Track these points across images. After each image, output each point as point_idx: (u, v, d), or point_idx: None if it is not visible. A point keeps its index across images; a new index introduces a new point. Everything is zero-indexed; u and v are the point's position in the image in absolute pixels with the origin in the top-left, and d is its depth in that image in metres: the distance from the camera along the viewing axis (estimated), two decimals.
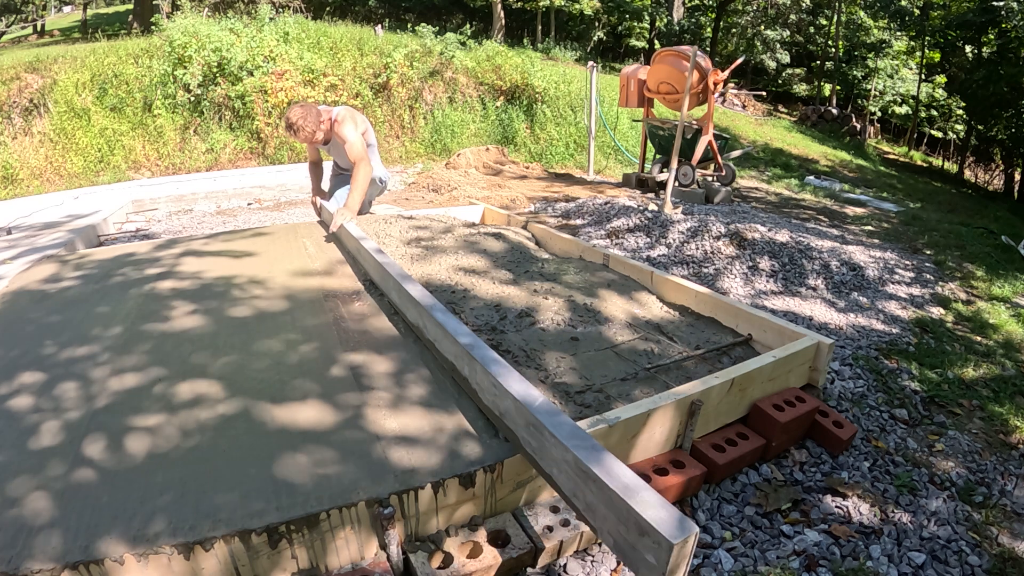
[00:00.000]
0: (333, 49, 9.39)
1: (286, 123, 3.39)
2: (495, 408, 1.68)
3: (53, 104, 7.57)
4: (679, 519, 1.14)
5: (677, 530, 1.11)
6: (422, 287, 2.35)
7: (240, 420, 1.72)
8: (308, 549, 1.38)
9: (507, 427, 1.62)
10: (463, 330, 1.94)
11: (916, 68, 19.95)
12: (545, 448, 1.43)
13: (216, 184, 6.75)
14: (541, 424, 1.43)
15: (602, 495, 1.25)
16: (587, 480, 1.28)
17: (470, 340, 1.87)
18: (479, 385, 1.77)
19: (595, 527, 1.31)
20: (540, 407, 1.49)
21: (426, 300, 2.19)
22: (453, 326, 1.96)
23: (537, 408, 1.49)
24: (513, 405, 1.56)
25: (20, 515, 1.35)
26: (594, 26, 21.38)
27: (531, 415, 1.47)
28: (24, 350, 2.18)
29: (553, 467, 1.41)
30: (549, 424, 1.42)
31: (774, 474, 2.02)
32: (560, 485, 1.40)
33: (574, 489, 1.34)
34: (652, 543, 1.13)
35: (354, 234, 3.09)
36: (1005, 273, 4.60)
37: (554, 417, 1.44)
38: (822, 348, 2.27)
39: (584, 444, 1.34)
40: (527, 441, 1.52)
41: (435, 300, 2.20)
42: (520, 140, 9.85)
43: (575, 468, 1.32)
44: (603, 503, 1.25)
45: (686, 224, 4.48)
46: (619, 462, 1.29)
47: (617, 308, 2.66)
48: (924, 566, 1.68)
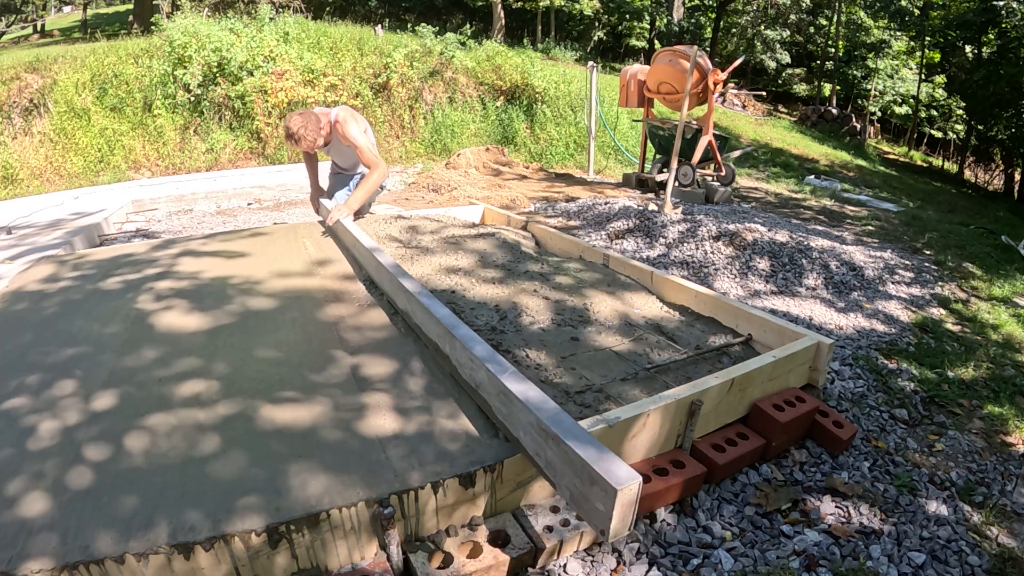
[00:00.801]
0: (333, 49, 9.39)
1: (286, 132, 3.30)
2: (472, 381, 1.82)
3: (53, 104, 7.57)
4: (626, 470, 1.27)
5: (622, 478, 1.24)
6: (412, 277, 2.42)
7: (240, 420, 1.72)
8: (308, 549, 1.38)
9: (482, 397, 1.77)
10: (444, 312, 2.08)
11: (916, 68, 19.94)
12: (513, 413, 1.58)
13: (216, 184, 6.75)
14: (509, 391, 1.58)
15: (559, 451, 1.39)
16: (547, 439, 1.43)
17: (451, 320, 2.01)
18: (459, 361, 1.91)
19: (554, 482, 1.45)
20: (508, 376, 1.64)
21: (414, 287, 2.29)
22: (436, 308, 2.10)
23: (506, 376, 1.64)
24: (486, 376, 1.71)
25: (20, 515, 1.35)
26: (594, 26, 21.38)
27: (501, 384, 1.62)
28: (24, 350, 2.17)
29: (520, 430, 1.56)
30: (516, 391, 1.57)
31: (774, 474, 2.02)
32: (526, 446, 1.54)
33: (536, 448, 1.49)
34: (600, 491, 1.26)
35: (356, 235, 3.09)
36: (1005, 273, 4.60)
37: (520, 384, 1.60)
38: (822, 348, 2.27)
39: (545, 407, 1.49)
40: (499, 409, 1.66)
41: (423, 287, 2.30)
42: (520, 140, 9.84)
43: (537, 428, 1.46)
44: (560, 459, 1.40)
45: (686, 224, 4.48)
46: (577, 424, 1.44)
47: (617, 308, 2.66)
48: (924, 566, 1.68)
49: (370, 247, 2.83)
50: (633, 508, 1.27)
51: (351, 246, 3.16)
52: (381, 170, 3.44)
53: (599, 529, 1.30)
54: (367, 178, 3.44)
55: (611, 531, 1.26)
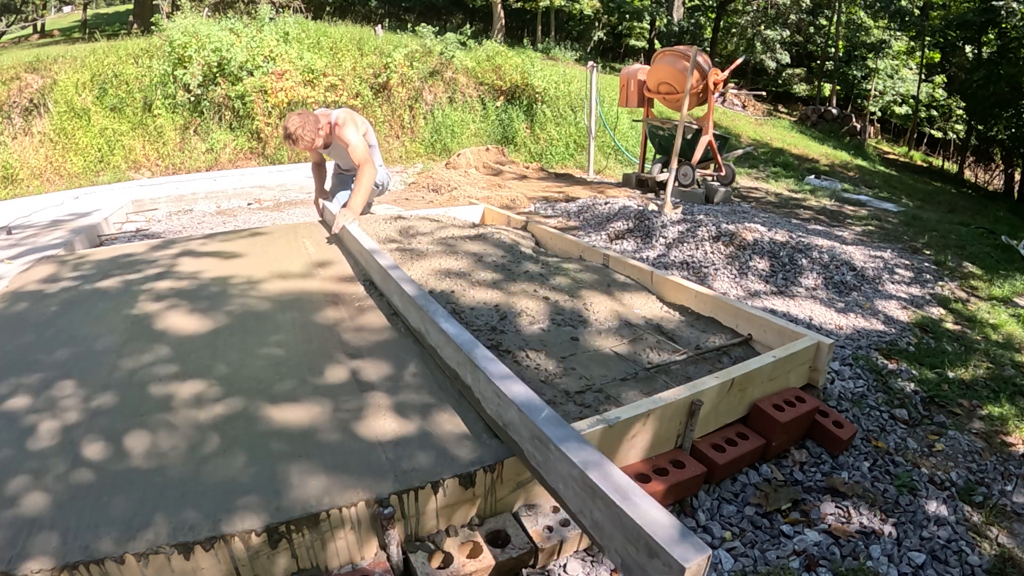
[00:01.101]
0: (333, 49, 9.39)
1: (284, 132, 3.31)
2: (499, 419, 1.64)
3: (53, 104, 7.57)
4: (692, 541, 1.09)
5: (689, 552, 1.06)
6: (424, 291, 2.34)
7: (240, 420, 1.72)
8: (308, 549, 1.38)
9: (511, 439, 1.57)
10: (466, 337, 1.90)
11: (916, 68, 19.95)
12: (550, 462, 1.39)
13: (216, 184, 6.75)
14: (547, 437, 1.38)
15: (610, 513, 1.20)
16: (594, 497, 1.24)
17: (474, 348, 1.83)
18: (482, 395, 1.73)
19: (602, 545, 1.25)
20: (546, 419, 1.44)
21: (428, 306, 2.17)
22: (455, 332, 1.93)
23: (543, 420, 1.44)
24: (517, 416, 1.51)
25: (20, 515, 1.35)
26: (594, 26, 21.38)
27: (536, 427, 1.42)
28: (24, 350, 2.17)
29: (559, 482, 1.37)
30: (554, 437, 1.37)
31: (774, 474, 2.02)
32: (566, 500, 1.35)
33: (580, 506, 1.30)
34: (663, 565, 1.08)
35: (356, 236, 3.09)
36: (1005, 273, 4.60)
37: (560, 430, 1.40)
38: (822, 348, 2.27)
39: (592, 460, 1.29)
40: (532, 454, 1.48)
41: (438, 305, 2.18)
42: (520, 140, 9.84)
43: (582, 484, 1.27)
44: (610, 521, 1.20)
45: (686, 224, 4.48)
46: (627, 478, 1.25)
47: (617, 308, 2.66)
48: (924, 566, 1.68)
49: (372, 250, 2.83)
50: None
51: (353, 250, 3.16)
52: (369, 168, 3.46)
53: None
54: (358, 179, 3.45)
55: None
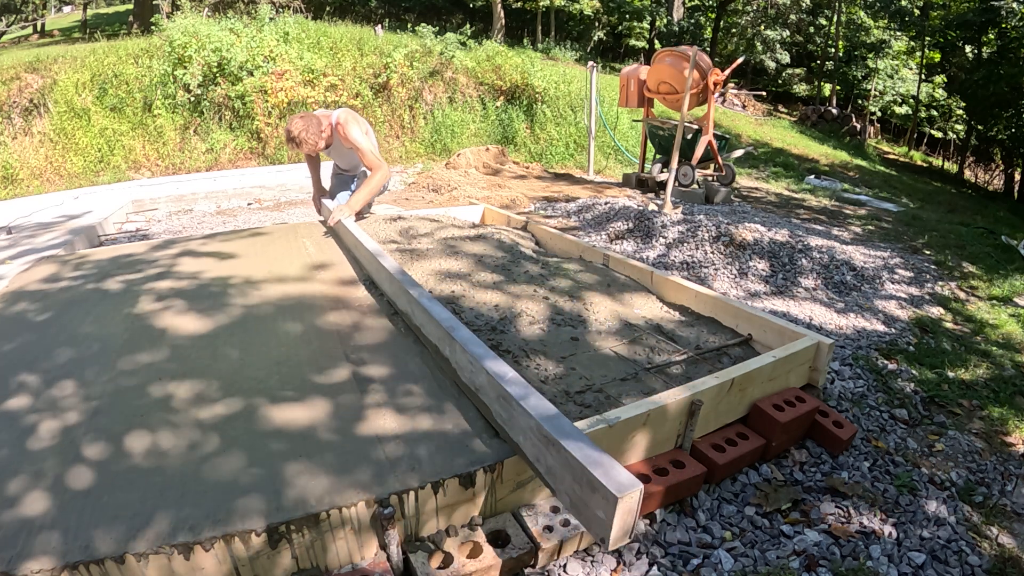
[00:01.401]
0: (333, 49, 9.39)
1: (287, 136, 3.28)
2: (472, 384, 1.80)
3: (53, 104, 7.57)
4: (627, 477, 1.24)
5: (622, 486, 1.22)
6: (414, 279, 2.41)
7: (240, 420, 1.72)
8: (308, 549, 1.38)
9: (482, 401, 1.75)
10: (445, 314, 2.07)
11: (916, 68, 19.94)
12: (514, 418, 1.56)
13: (216, 184, 6.75)
14: (509, 395, 1.56)
15: (560, 457, 1.37)
16: (548, 444, 1.40)
17: (451, 322, 2.00)
18: (459, 364, 1.89)
19: (554, 488, 1.43)
20: (510, 380, 1.62)
21: (414, 288, 2.27)
22: (437, 311, 2.09)
23: (507, 380, 1.62)
24: (487, 379, 1.69)
25: (20, 515, 1.35)
26: (594, 26, 21.37)
27: (501, 388, 1.59)
28: (24, 350, 2.17)
29: (520, 435, 1.54)
30: (516, 395, 1.55)
31: (774, 474, 2.02)
32: (526, 451, 1.52)
33: (537, 454, 1.47)
34: (600, 498, 1.24)
35: (355, 234, 3.09)
36: (1005, 273, 4.60)
37: (520, 388, 1.58)
38: (822, 348, 2.27)
39: (545, 411, 1.47)
40: (499, 413, 1.65)
41: (424, 289, 2.30)
42: (520, 140, 9.84)
43: (538, 434, 1.44)
44: (560, 464, 1.37)
45: (686, 224, 4.48)
46: (578, 430, 1.42)
47: (617, 308, 2.66)
48: (924, 566, 1.68)
49: (371, 248, 2.83)
50: (634, 516, 1.25)
51: (352, 247, 3.16)
52: (383, 172, 3.44)
53: (599, 537, 1.29)
54: (369, 180, 3.44)
55: (611, 539, 1.24)
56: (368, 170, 3.54)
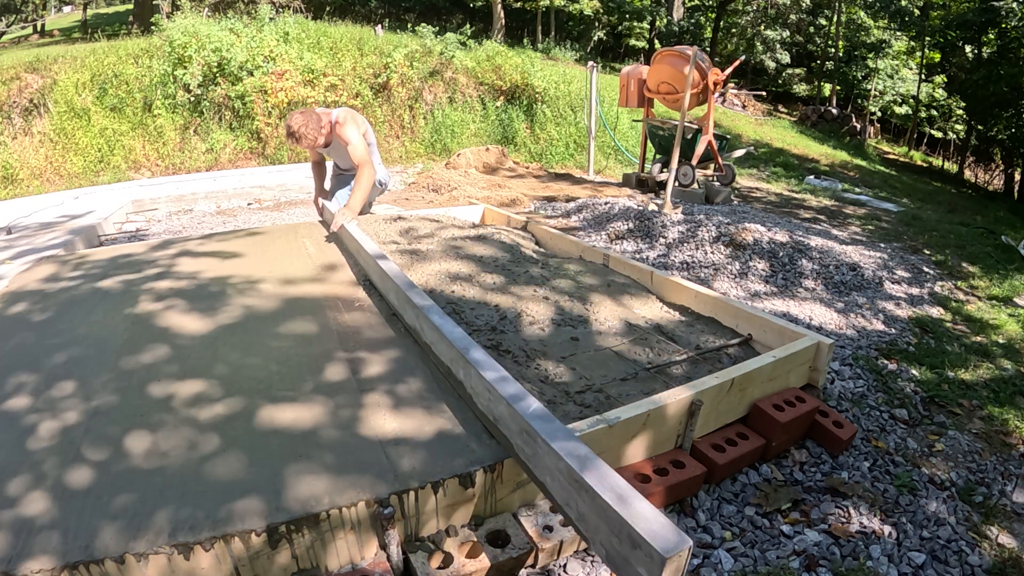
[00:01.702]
0: (333, 49, 9.39)
1: (287, 131, 3.33)
2: (489, 413, 1.66)
3: (53, 104, 7.57)
4: (673, 532, 1.11)
5: (671, 543, 1.08)
6: (420, 289, 2.35)
7: (239, 420, 1.72)
8: (308, 549, 1.38)
9: (501, 433, 1.59)
10: (458, 333, 1.91)
11: (916, 68, 19.93)
12: (539, 456, 1.41)
13: (216, 184, 6.75)
14: (534, 431, 1.40)
15: (594, 505, 1.22)
16: (580, 490, 1.26)
17: (465, 344, 1.84)
18: (474, 390, 1.75)
19: (587, 537, 1.27)
20: (534, 413, 1.46)
21: (423, 302, 2.18)
22: (449, 329, 1.94)
23: (531, 414, 1.46)
24: (507, 411, 1.53)
25: (20, 515, 1.35)
26: (594, 26, 21.36)
27: (524, 421, 1.44)
28: (23, 350, 2.17)
29: (546, 475, 1.39)
30: (542, 431, 1.39)
31: (774, 474, 2.02)
32: (553, 493, 1.37)
33: (567, 498, 1.32)
34: (644, 556, 1.10)
35: (355, 236, 3.09)
36: (1005, 273, 4.60)
37: (548, 424, 1.42)
38: (822, 348, 2.27)
39: (577, 453, 1.31)
40: (520, 448, 1.50)
41: (432, 303, 2.19)
42: (520, 140, 9.84)
43: (568, 477, 1.29)
44: (595, 513, 1.22)
45: (686, 224, 4.48)
46: (613, 472, 1.26)
47: (617, 308, 2.66)
48: (924, 566, 1.68)
49: (374, 253, 2.82)
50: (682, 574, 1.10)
51: (355, 252, 3.15)
52: (368, 168, 3.46)
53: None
54: (357, 179, 3.46)
55: None
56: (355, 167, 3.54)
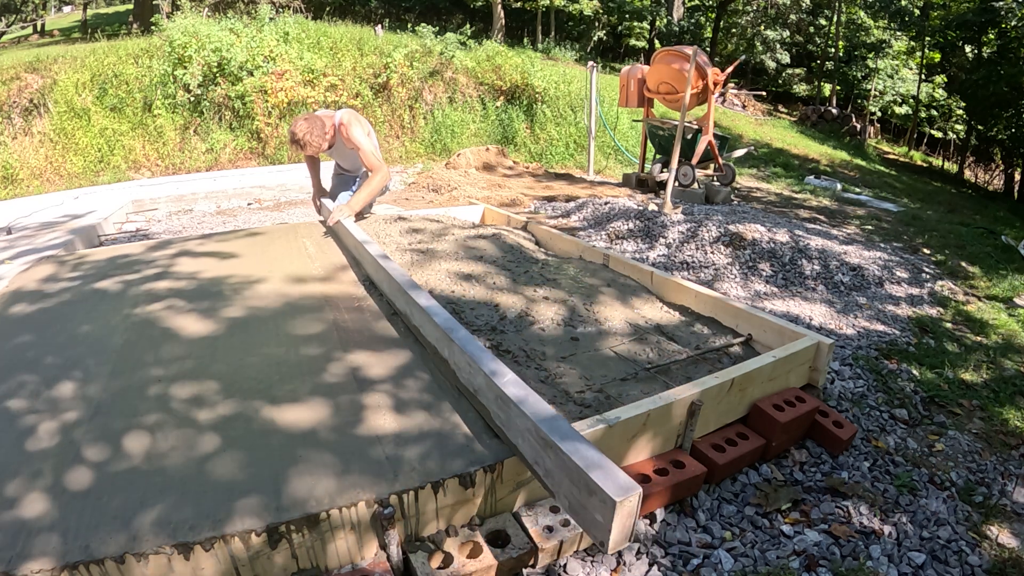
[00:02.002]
0: (333, 49, 9.39)
1: (291, 138, 3.30)
2: (470, 385, 1.79)
3: (53, 104, 7.57)
4: (624, 480, 1.23)
5: (621, 489, 1.21)
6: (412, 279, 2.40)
7: (239, 420, 1.72)
8: (308, 549, 1.38)
9: (480, 403, 1.74)
10: (443, 315, 2.06)
11: (916, 68, 19.93)
12: (511, 419, 1.55)
13: (216, 184, 6.75)
14: (507, 397, 1.54)
15: (558, 460, 1.35)
16: (546, 447, 1.39)
17: (449, 323, 1.98)
18: (457, 365, 1.88)
19: (553, 491, 1.42)
20: (507, 382, 1.60)
21: (413, 289, 2.27)
22: (435, 311, 2.09)
23: (504, 382, 1.60)
24: (484, 381, 1.67)
25: (20, 515, 1.35)
26: (594, 26, 21.36)
27: (499, 389, 1.58)
28: (23, 350, 2.17)
29: (518, 437, 1.52)
30: (514, 396, 1.53)
31: (774, 474, 2.02)
32: (524, 453, 1.51)
33: (535, 457, 1.45)
34: (599, 502, 1.23)
35: (355, 236, 3.09)
36: (1005, 273, 4.60)
37: (519, 389, 1.57)
38: (822, 348, 2.27)
39: (542, 413, 1.46)
40: (497, 414, 1.63)
41: (423, 291, 2.29)
42: (520, 140, 9.84)
43: (536, 436, 1.43)
44: (558, 467, 1.36)
45: (686, 224, 4.48)
46: (576, 432, 1.41)
47: (617, 308, 2.66)
48: (924, 566, 1.68)
49: (371, 250, 2.83)
50: (633, 519, 1.24)
51: (352, 248, 3.16)
52: (383, 173, 3.46)
53: (598, 540, 1.28)
54: (369, 181, 3.46)
55: (610, 543, 1.24)
56: (369, 171, 3.55)
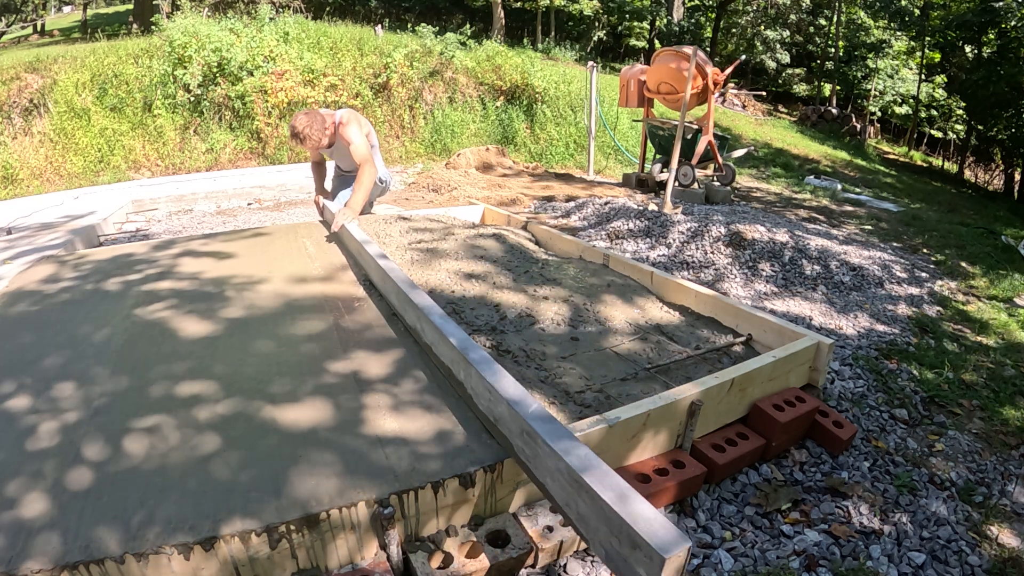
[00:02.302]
0: (333, 49, 9.39)
1: (291, 132, 3.33)
2: (490, 414, 1.66)
3: (53, 104, 7.56)
4: (673, 532, 1.11)
5: (669, 543, 1.09)
6: (421, 290, 2.34)
7: (239, 420, 1.72)
8: (308, 549, 1.38)
9: (501, 434, 1.60)
10: (460, 335, 1.91)
11: (916, 68, 19.93)
12: (539, 456, 1.41)
13: (216, 184, 6.75)
14: (535, 432, 1.40)
15: (594, 506, 1.22)
16: (580, 490, 1.26)
17: (466, 344, 1.84)
18: (474, 390, 1.75)
19: (587, 538, 1.28)
20: (534, 414, 1.46)
21: (424, 303, 2.18)
22: (450, 330, 1.94)
23: (531, 415, 1.46)
24: (507, 411, 1.53)
25: (20, 515, 1.35)
26: (594, 26, 21.36)
27: (525, 422, 1.44)
28: (24, 350, 2.17)
29: (547, 476, 1.39)
30: (543, 432, 1.39)
31: (774, 474, 2.02)
32: (553, 494, 1.38)
33: (567, 499, 1.32)
34: (644, 557, 1.11)
35: (356, 236, 3.09)
36: (1005, 273, 4.60)
37: (548, 425, 1.42)
38: (822, 348, 2.27)
39: (578, 453, 1.31)
40: (521, 449, 1.50)
41: (433, 303, 2.19)
42: (520, 140, 9.84)
43: (568, 477, 1.29)
44: (595, 514, 1.23)
45: (686, 224, 4.48)
46: (613, 472, 1.27)
47: (617, 308, 2.66)
48: (924, 566, 1.68)
49: (372, 251, 2.83)
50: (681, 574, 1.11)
51: (356, 252, 3.15)
52: (370, 168, 3.47)
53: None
54: (359, 178, 3.46)
55: None
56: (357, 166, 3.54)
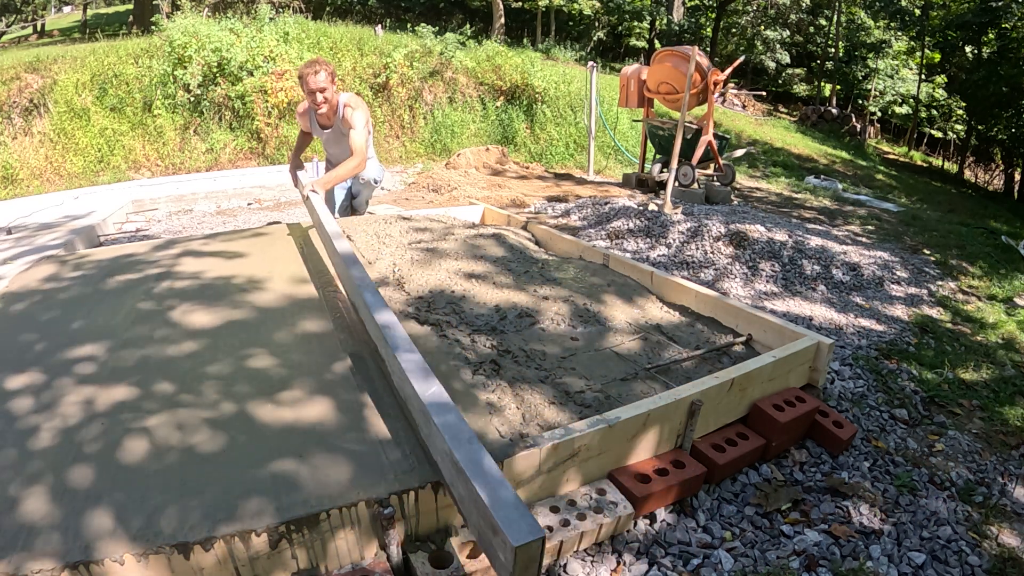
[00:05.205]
0: (333, 49, 9.39)
1: (300, 71, 3.29)
2: (400, 391, 1.71)
3: (53, 104, 7.56)
4: (528, 522, 1.16)
5: (523, 533, 1.13)
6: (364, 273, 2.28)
7: (239, 420, 1.72)
8: (308, 549, 1.38)
9: (409, 412, 1.67)
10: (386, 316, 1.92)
11: (916, 68, 19.93)
12: (432, 437, 1.48)
13: (216, 184, 6.75)
14: (428, 413, 1.47)
15: (467, 489, 1.29)
16: (459, 473, 1.32)
17: (386, 322, 1.87)
18: (392, 368, 1.80)
19: (466, 518, 1.34)
20: (431, 396, 1.51)
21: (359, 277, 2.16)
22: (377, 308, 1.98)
23: (428, 397, 1.51)
24: (412, 391, 1.59)
25: (20, 515, 1.35)
26: (594, 26, 21.36)
27: (422, 404, 1.50)
28: (23, 350, 2.17)
29: (438, 456, 1.45)
30: (435, 413, 1.45)
31: (774, 474, 2.02)
32: (444, 472, 1.44)
33: (452, 479, 1.39)
34: (501, 542, 1.16)
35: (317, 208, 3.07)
36: (1005, 273, 4.60)
37: (441, 408, 1.48)
38: (822, 348, 2.27)
39: (459, 437, 1.37)
40: (421, 427, 1.57)
41: (370, 280, 2.18)
42: (520, 140, 9.84)
43: (451, 460, 1.36)
44: (468, 497, 1.29)
45: (686, 224, 4.48)
46: (490, 459, 1.32)
47: (617, 308, 2.66)
48: (924, 566, 1.68)
49: (331, 231, 2.74)
50: (537, 563, 1.16)
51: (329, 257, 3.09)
52: (359, 160, 3.39)
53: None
54: (347, 161, 3.40)
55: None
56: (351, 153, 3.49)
